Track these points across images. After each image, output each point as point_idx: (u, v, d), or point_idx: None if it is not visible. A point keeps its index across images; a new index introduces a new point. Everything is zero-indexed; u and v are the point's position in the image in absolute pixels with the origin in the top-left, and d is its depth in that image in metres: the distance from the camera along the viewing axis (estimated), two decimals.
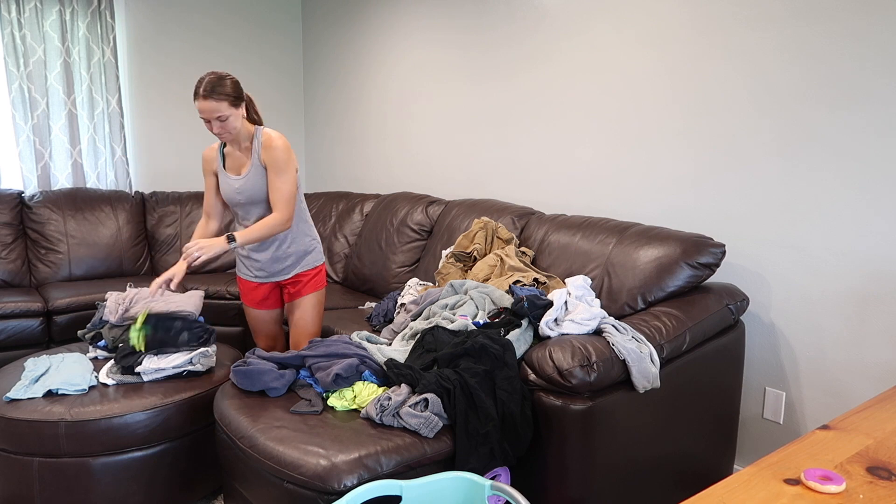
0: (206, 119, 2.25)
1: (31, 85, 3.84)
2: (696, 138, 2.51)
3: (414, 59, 3.84)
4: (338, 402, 1.92)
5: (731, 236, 2.44)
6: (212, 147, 2.50)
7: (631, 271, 2.29)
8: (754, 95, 2.32)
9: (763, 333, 2.39)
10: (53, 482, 2.09)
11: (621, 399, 1.86)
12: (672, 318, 2.07)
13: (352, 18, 4.32)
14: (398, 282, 3.32)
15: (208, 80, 2.22)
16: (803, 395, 2.30)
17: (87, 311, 3.33)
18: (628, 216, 2.78)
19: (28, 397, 2.15)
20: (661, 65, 2.59)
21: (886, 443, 1.10)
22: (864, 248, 2.10)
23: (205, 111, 2.22)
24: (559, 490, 1.83)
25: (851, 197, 2.11)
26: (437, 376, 1.84)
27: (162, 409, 2.17)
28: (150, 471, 2.18)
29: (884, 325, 2.08)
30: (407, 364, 1.96)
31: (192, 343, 2.37)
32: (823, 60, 2.13)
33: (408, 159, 3.98)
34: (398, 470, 1.67)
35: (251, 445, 1.76)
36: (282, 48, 4.83)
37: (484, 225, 2.81)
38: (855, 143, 2.09)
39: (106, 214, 3.88)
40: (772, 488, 0.97)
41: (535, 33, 3.09)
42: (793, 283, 2.28)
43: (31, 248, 3.71)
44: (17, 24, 3.74)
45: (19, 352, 3.22)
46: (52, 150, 3.96)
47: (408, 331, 2.25)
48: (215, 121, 2.25)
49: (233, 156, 2.44)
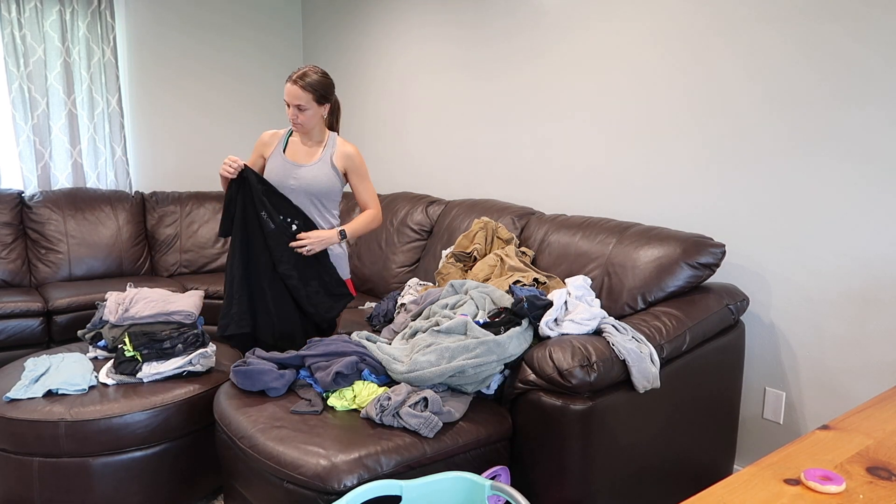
0: (288, 103, 2.32)
1: (31, 85, 3.84)
2: (696, 138, 2.51)
3: (413, 57, 3.84)
4: (338, 402, 1.92)
5: (731, 236, 2.44)
6: (276, 132, 2.51)
7: (631, 271, 2.29)
8: (755, 95, 2.32)
9: (763, 333, 2.39)
10: (53, 482, 2.09)
11: (621, 399, 1.86)
12: (672, 318, 2.07)
13: (352, 18, 4.32)
14: (398, 282, 3.32)
15: (307, 71, 2.32)
16: (803, 395, 2.30)
17: (87, 311, 3.33)
18: (628, 216, 2.78)
19: (28, 397, 2.15)
20: (662, 63, 2.59)
21: (886, 443, 1.10)
22: (864, 248, 2.10)
23: (289, 95, 2.29)
24: (559, 490, 1.83)
25: (852, 197, 2.11)
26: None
27: (162, 409, 2.17)
28: (150, 471, 2.18)
29: (884, 325, 2.08)
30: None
31: (188, 350, 2.37)
32: (826, 60, 2.13)
33: (407, 159, 3.98)
34: (398, 470, 1.67)
35: (251, 445, 1.76)
36: (282, 47, 4.83)
37: (484, 225, 2.81)
38: (856, 142, 2.09)
39: (106, 214, 3.88)
40: (772, 488, 0.97)
41: (535, 31, 3.09)
42: (793, 283, 2.28)
43: (31, 248, 3.71)
44: (17, 24, 3.74)
45: (19, 352, 3.23)
46: (52, 150, 3.96)
47: (408, 330, 2.25)
48: (294, 107, 2.31)
49: (297, 146, 2.46)
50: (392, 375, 2.00)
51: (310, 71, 2.31)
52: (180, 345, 2.36)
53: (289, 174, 2.41)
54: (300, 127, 2.36)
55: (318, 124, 2.41)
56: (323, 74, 2.33)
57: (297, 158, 2.44)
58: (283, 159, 2.44)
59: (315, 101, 2.32)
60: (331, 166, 2.43)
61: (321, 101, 2.33)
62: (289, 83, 2.29)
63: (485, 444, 1.86)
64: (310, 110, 2.32)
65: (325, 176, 2.42)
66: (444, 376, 1.90)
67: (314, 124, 2.38)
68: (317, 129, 2.41)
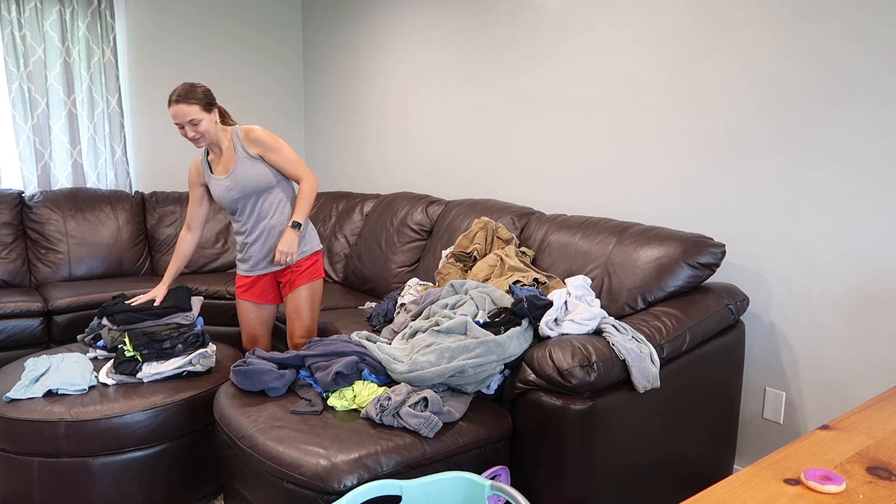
0: (180, 124, 2.35)
1: (31, 85, 3.84)
2: (696, 138, 2.51)
3: (414, 58, 3.84)
4: (338, 402, 1.92)
5: (731, 236, 2.44)
6: (196, 160, 2.59)
7: (631, 271, 2.29)
8: (755, 95, 2.32)
9: (763, 333, 2.39)
10: (53, 482, 2.09)
11: (621, 399, 1.86)
12: (672, 318, 2.07)
13: (352, 18, 4.32)
14: (398, 282, 3.32)
15: (182, 87, 2.36)
16: (803, 395, 2.30)
17: (88, 311, 3.33)
18: (628, 216, 2.78)
19: (28, 397, 2.15)
20: (662, 64, 2.59)
21: (886, 443, 1.10)
22: (864, 247, 2.10)
23: (178, 115, 2.34)
24: (559, 490, 1.83)
25: (852, 196, 2.11)
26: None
27: (162, 409, 2.17)
28: (150, 471, 2.18)
29: (884, 325, 2.08)
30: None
31: (188, 350, 2.37)
32: (824, 59, 2.13)
33: (408, 159, 3.98)
34: (398, 470, 1.67)
35: (251, 445, 1.76)
36: (282, 48, 4.83)
37: (484, 225, 2.81)
38: (856, 142, 2.09)
39: (106, 214, 3.88)
40: (772, 488, 0.97)
41: (535, 33, 3.09)
42: (793, 283, 2.28)
43: (31, 248, 3.71)
44: (17, 23, 3.74)
45: (19, 352, 3.22)
46: (52, 150, 3.96)
47: (408, 330, 2.25)
48: (188, 125, 2.35)
49: (216, 161, 2.53)
50: (392, 375, 2.00)
51: (184, 87, 2.35)
52: (180, 345, 2.36)
53: (224, 189, 2.48)
54: (203, 140, 2.41)
55: (216, 130, 2.44)
56: (196, 84, 2.38)
57: (222, 171, 2.50)
58: (213, 180, 2.51)
59: (203, 110, 2.36)
60: (248, 158, 2.47)
61: (208, 107, 2.38)
62: (172, 106, 2.33)
63: (485, 444, 1.86)
64: (203, 120, 2.36)
65: (250, 171, 2.46)
66: (444, 376, 1.90)
67: (213, 132, 2.42)
68: (218, 134, 2.46)
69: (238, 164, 2.46)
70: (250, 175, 2.46)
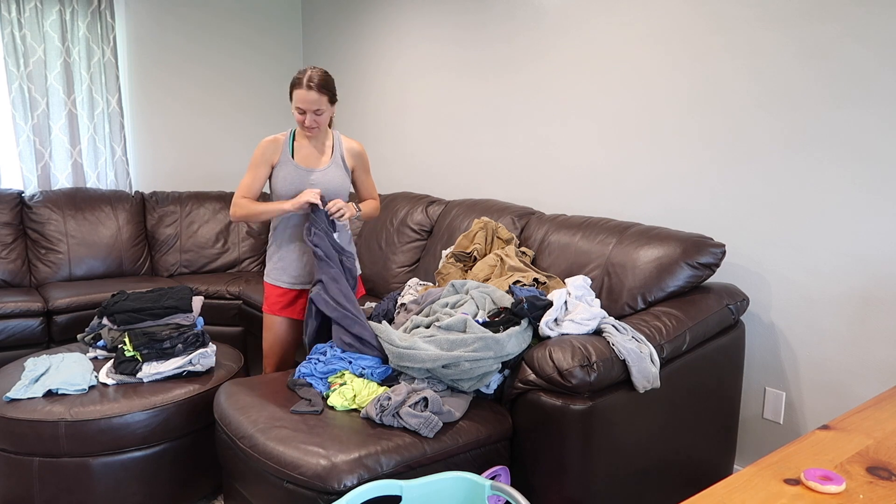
0: (303, 110, 2.26)
1: (31, 85, 3.84)
2: (696, 138, 2.51)
3: (413, 58, 3.84)
4: (338, 401, 1.92)
5: (731, 236, 2.44)
6: (276, 138, 2.40)
7: (631, 271, 2.29)
8: (755, 95, 2.32)
9: (763, 333, 2.39)
10: (53, 482, 2.09)
11: (621, 399, 1.86)
12: (672, 318, 2.07)
13: (352, 17, 4.32)
14: (398, 282, 3.32)
15: (318, 73, 2.25)
16: (803, 395, 2.30)
17: (88, 311, 3.33)
18: (628, 216, 2.78)
19: (28, 397, 2.15)
20: (662, 63, 2.59)
21: (886, 443, 1.10)
22: (864, 248, 2.10)
23: (307, 102, 2.23)
24: (559, 490, 1.83)
25: (852, 196, 2.11)
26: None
27: (162, 409, 2.17)
28: (150, 471, 2.18)
29: (884, 325, 2.08)
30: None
31: (188, 350, 2.37)
32: (827, 59, 2.13)
33: (407, 159, 3.98)
34: (398, 470, 1.67)
35: (251, 445, 1.76)
36: (282, 48, 4.83)
37: (484, 225, 2.81)
38: (857, 142, 2.09)
39: (106, 214, 3.88)
40: (772, 488, 0.97)
41: (534, 31, 3.09)
42: (793, 283, 2.28)
43: (31, 248, 3.71)
44: (17, 23, 3.74)
45: (19, 352, 3.22)
46: (52, 150, 3.96)
47: (409, 324, 2.25)
48: (311, 113, 2.27)
49: (305, 150, 2.41)
50: (387, 349, 2.00)
51: (322, 74, 2.26)
52: (180, 345, 2.36)
53: (303, 180, 2.38)
54: (316, 130, 2.32)
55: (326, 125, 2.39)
56: (328, 73, 2.30)
57: (308, 163, 2.40)
58: (294, 166, 2.38)
59: (329, 103, 2.29)
60: (342, 166, 2.44)
61: (333, 101, 2.32)
62: (302, 90, 2.22)
63: (485, 444, 1.86)
64: (326, 112, 2.30)
65: (339, 177, 2.43)
66: (440, 362, 1.89)
67: (325, 125, 2.36)
68: (323, 129, 2.40)
69: (332, 166, 2.41)
70: (336, 180, 2.41)
